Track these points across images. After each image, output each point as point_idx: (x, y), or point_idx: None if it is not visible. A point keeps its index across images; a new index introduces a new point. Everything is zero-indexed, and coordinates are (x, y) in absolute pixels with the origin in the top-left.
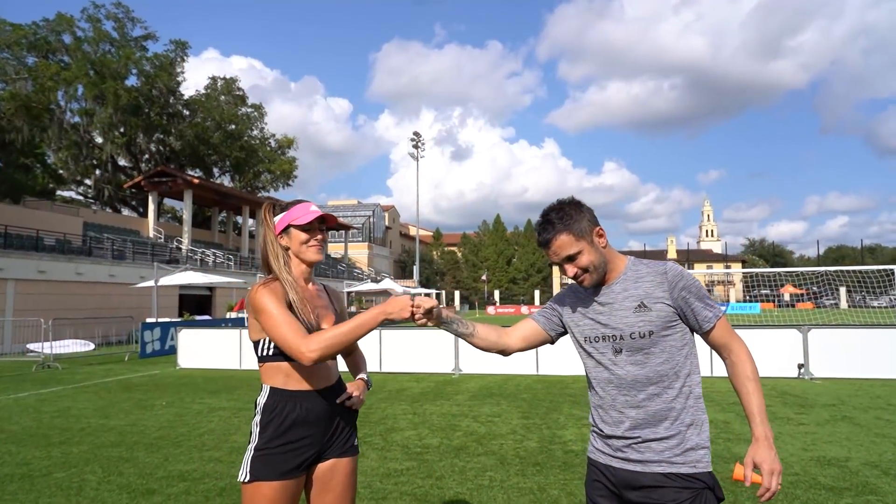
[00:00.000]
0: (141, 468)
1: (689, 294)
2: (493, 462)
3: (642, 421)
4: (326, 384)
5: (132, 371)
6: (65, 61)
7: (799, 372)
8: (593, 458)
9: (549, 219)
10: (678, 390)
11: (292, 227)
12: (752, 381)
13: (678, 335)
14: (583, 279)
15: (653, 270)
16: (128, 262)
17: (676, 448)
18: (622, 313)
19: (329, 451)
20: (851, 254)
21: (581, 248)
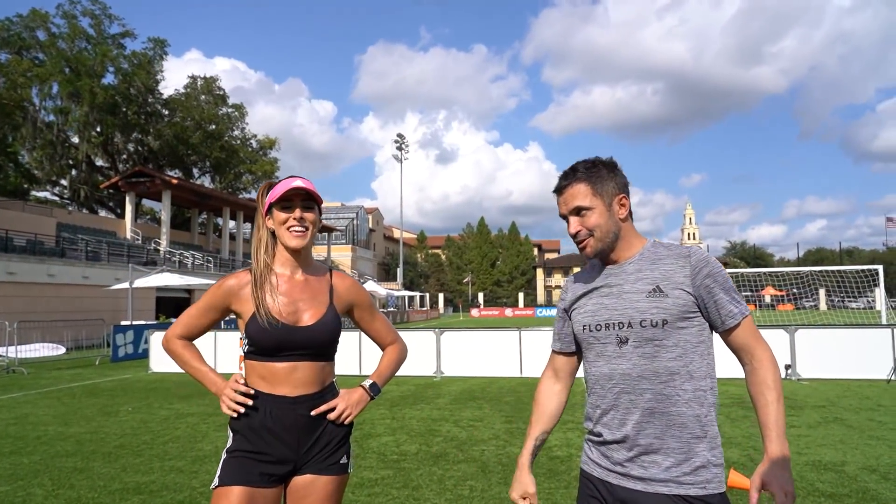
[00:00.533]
0: (94, 480)
1: (715, 283)
2: (474, 470)
3: (647, 427)
4: (304, 391)
5: (102, 375)
6: (39, 58)
7: (786, 373)
8: (587, 471)
9: (574, 167)
10: (690, 394)
11: (272, 205)
12: (772, 391)
13: (695, 329)
14: (585, 243)
15: (674, 253)
16: (102, 264)
17: (685, 465)
18: (633, 297)
19: (308, 465)
20: (830, 256)
21: (594, 206)
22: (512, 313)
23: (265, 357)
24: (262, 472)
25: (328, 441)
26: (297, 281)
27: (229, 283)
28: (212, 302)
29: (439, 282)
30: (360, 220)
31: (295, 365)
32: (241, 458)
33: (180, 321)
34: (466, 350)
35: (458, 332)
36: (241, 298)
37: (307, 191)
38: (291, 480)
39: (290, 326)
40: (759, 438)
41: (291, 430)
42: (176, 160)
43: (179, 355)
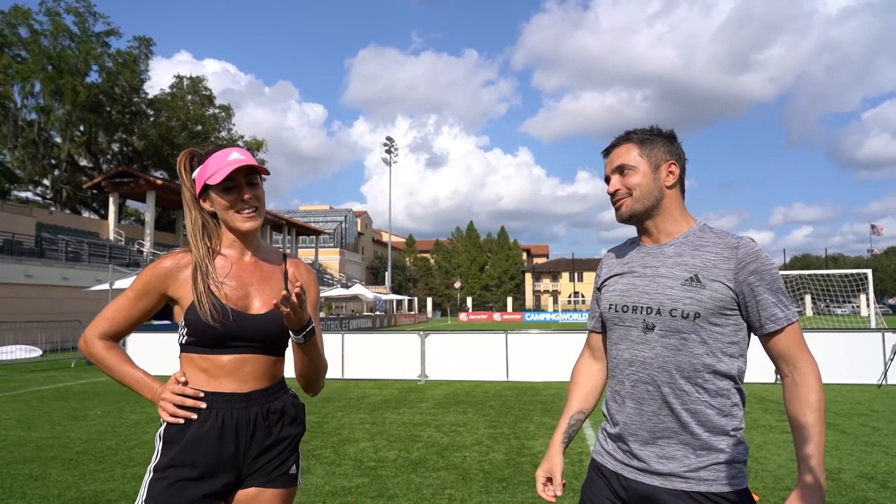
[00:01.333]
0: (49, 489)
1: (761, 282)
2: (454, 478)
3: (665, 421)
4: (256, 386)
5: (75, 378)
6: (21, 56)
7: (776, 377)
8: (600, 462)
9: (629, 131)
10: (714, 392)
11: (209, 187)
12: (815, 413)
13: (730, 329)
14: (621, 202)
15: (722, 241)
16: (83, 265)
17: (706, 460)
18: (668, 282)
19: (253, 476)
20: (816, 262)
21: (637, 166)
22: (500, 317)
23: (209, 349)
24: (208, 489)
25: (279, 449)
26: (246, 263)
27: (165, 264)
28: (146, 287)
29: (428, 286)
30: (349, 223)
31: (244, 357)
32: (181, 476)
33: (104, 316)
34: (452, 353)
35: (443, 334)
36: (179, 281)
37: (249, 166)
38: (235, 494)
39: (240, 313)
40: (751, 444)
41: (241, 433)
42: (161, 161)
43: (103, 359)
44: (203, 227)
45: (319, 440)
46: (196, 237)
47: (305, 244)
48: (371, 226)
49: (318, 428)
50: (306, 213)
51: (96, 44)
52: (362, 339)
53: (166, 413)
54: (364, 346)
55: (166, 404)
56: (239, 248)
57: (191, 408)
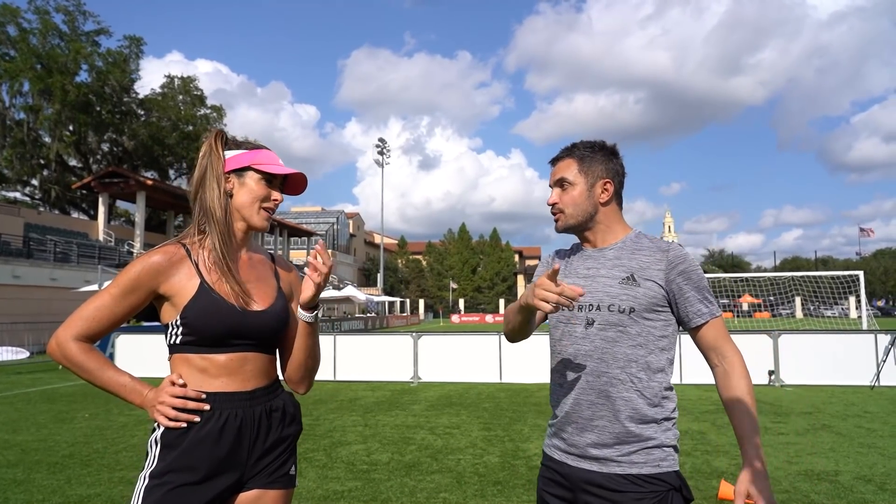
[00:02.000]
0: (33, 493)
1: (687, 281)
2: (449, 481)
3: (601, 409)
4: (256, 384)
5: (63, 380)
6: (10, 55)
7: (769, 379)
8: (548, 453)
9: (574, 143)
10: (645, 382)
11: (252, 170)
12: (748, 396)
13: (661, 323)
14: (558, 216)
15: (654, 246)
16: (72, 266)
17: (638, 446)
18: (607, 281)
19: (255, 478)
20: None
21: (576, 183)
22: (493, 319)
23: (207, 347)
24: (209, 494)
25: (281, 448)
26: (242, 261)
27: (156, 258)
28: (133, 283)
29: (420, 287)
30: (341, 224)
31: (244, 356)
32: (181, 482)
33: (82, 316)
34: (445, 355)
35: (436, 336)
36: (171, 278)
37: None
38: (236, 499)
39: (243, 310)
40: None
41: (245, 433)
42: (151, 161)
43: (81, 364)
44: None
45: (311, 443)
46: (221, 214)
47: (297, 245)
48: (363, 227)
49: (310, 430)
50: (298, 215)
51: (86, 43)
52: (355, 340)
53: (165, 418)
54: (356, 348)
55: (164, 408)
56: (237, 243)
57: (194, 410)
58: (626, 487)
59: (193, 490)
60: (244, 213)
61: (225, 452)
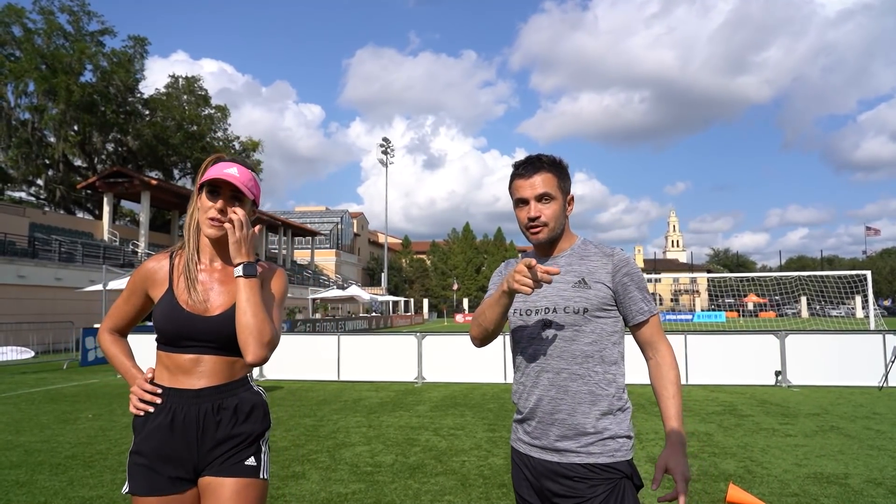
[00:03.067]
0: (35, 495)
1: (631, 282)
2: (454, 483)
3: (561, 403)
4: (209, 383)
5: (67, 380)
6: (15, 55)
7: (776, 379)
8: (514, 447)
9: (539, 158)
10: (601, 376)
11: (203, 185)
12: (674, 385)
13: (611, 321)
14: (539, 230)
15: (600, 251)
16: (77, 265)
17: (595, 437)
18: (560, 286)
19: (209, 467)
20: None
21: (556, 198)
22: None
23: (171, 347)
24: (168, 476)
25: (232, 443)
26: (213, 269)
27: (149, 265)
28: (132, 286)
29: (424, 287)
30: (345, 224)
31: (199, 357)
32: (141, 462)
33: (109, 313)
34: (449, 355)
35: (440, 336)
36: (155, 282)
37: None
38: (198, 483)
39: (191, 315)
40: (755, 448)
41: (190, 427)
42: (156, 161)
43: (106, 350)
44: (195, 223)
45: (314, 444)
46: (189, 230)
47: (301, 245)
48: (367, 227)
49: (314, 431)
50: (302, 214)
51: (90, 43)
52: (358, 340)
53: (131, 405)
54: (360, 348)
55: (132, 397)
56: (210, 254)
57: (150, 402)
58: (583, 475)
59: (150, 471)
60: (201, 225)
61: (172, 442)
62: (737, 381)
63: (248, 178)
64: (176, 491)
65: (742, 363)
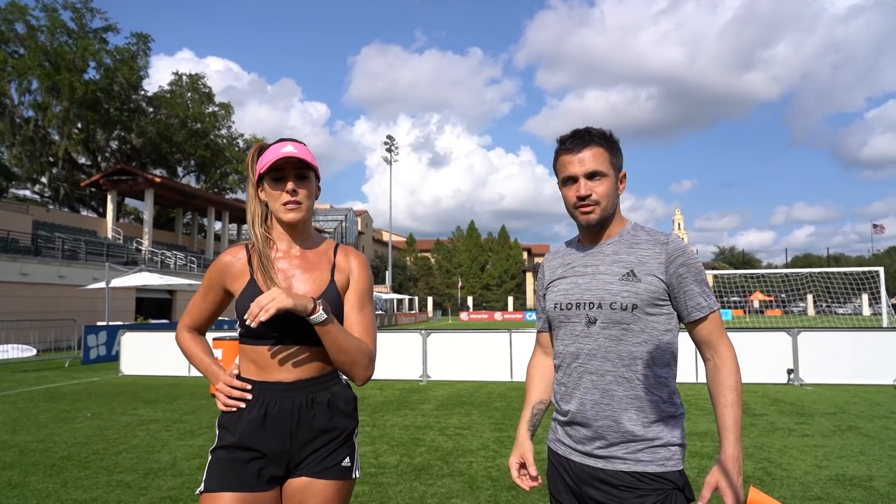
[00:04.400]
0: (27, 497)
1: (688, 273)
2: (460, 485)
3: (606, 409)
4: (301, 376)
5: (68, 378)
6: (19, 52)
7: (789, 378)
8: (552, 448)
9: (589, 131)
10: (652, 379)
11: (263, 176)
12: (734, 392)
13: (664, 317)
14: (591, 210)
15: (652, 239)
16: (80, 263)
17: (643, 443)
18: (606, 279)
19: (303, 466)
20: (817, 262)
21: (608, 175)
22: (501, 317)
23: (256, 340)
24: (253, 472)
25: (328, 439)
26: (293, 255)
27: (225, 259)
28: (209, 281)
29: (428, 285)
30: (349, 222)
31: (289, 348)
32: (230, 457)
33: (186, 311)
34: (454, 353)
35: (445, 333)
36: (233, 275)
37: (299, 160)
38: (287, 483)
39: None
40: (772, 449)
41: (284, 421)
42: (160, 158)
43: (185, 348)
44: (259, 217)
45: None
46: (255, 225)
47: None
48: (371, 225)
49: None
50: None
51: (94, 40)
52: None
53: (219, 402)
54: None
55: (219, 394)
56: (287, 241)
57: (240, 399)
58: (629, 484)
59: (241, 466)
60: (276, 215)
61: (266, 438)
62: (747, 380)
63: (305, 150)
64: (259, 489)
65: (753, 361)
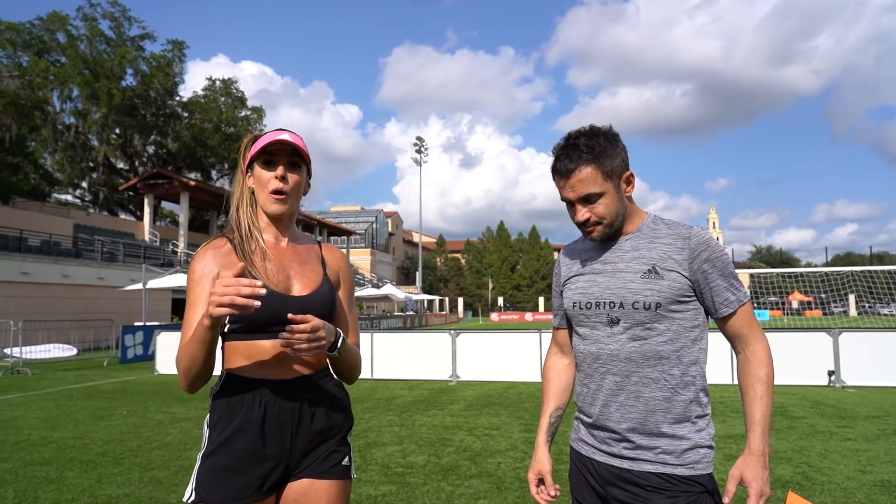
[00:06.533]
0: (63, 493)
1: (713, 268)
2: (488, 486)
3: (632, 411)
4: (301, 372)
5: (106, 377)
6: (60, 61)
7: (829, 380)
8: (575, 448)
9: (576, 144)
10: (678, 379)
11: (254, 160)
12: (763, 384)
13: (690, 314)
14: (593, 230)
15: (674, 232)
16: (118, 265)
17: (672, 446)
18: (627, 276)
19: (302, 467)
20: (859, 261)
21: (605, 191)
22: (532, 317)
23: (252, 335)
24: (252, 480)
25: (328, 437)
26: (282, 248)
27: (209, 251)
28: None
29: (458, 286)
30: (380, 223)
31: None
32: (225, 464)
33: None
34: (484, 353)
35: (474, 333)
36: (226, 265)
37: (293, 146)
38: (286, 487)
39: (282, 295)
40: (812, 453)
41: (286, 420)
42: (194, 162)
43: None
44: (246, 200)
45: None
46: (241, 208)
47: (337, 244)
48: (402, 226)
49: None
50: (338, 214)
51: (131, 48)
52: (392, 338)
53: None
54: (394, 346)
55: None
56: (274, 233)
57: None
58: (657, 485)
59: (237, 474)
60: (261, 204)
61: (265, 439)
62: (786, 382)
63: (301, 141)
64: (259, 498)
65: (792, 362)
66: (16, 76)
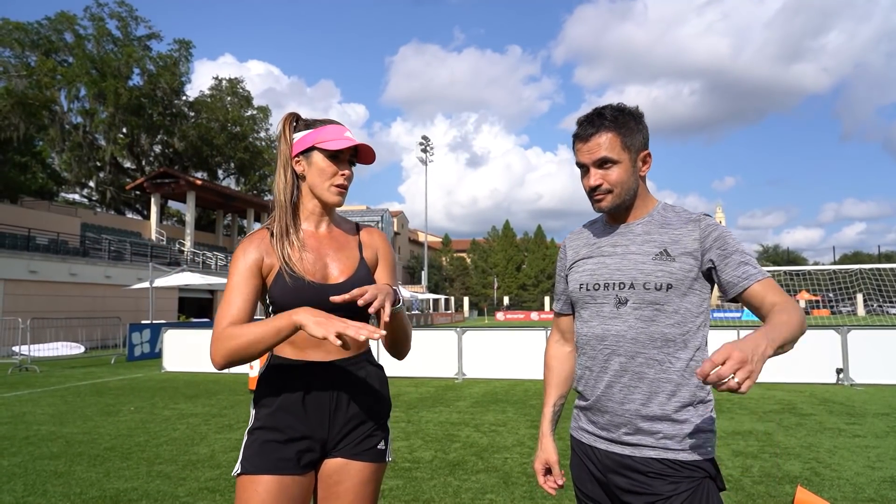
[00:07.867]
0: (72, 486)
1: (727, 244)
2: (495, 481)
3: (635, 392)
4: (339, 355)
5: (113, 374)
6: (67, 61)
7: (838, 377)
8: (576, 437)
9: (601, 113)
10: (685, 363)
11: (317, 149)
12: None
13: (697, 298)
14: (602, 198)
15: (683, 218)
16: (125, 264)
17: (673, 430)
18: (638, 258)
19: (339, 447)
20: (868, 260)
21: (621, 160)
22: (538, 317)
23: None
24: (292, 454)
25: (364, 419)
26: (321, 235)
27: (250, 241)
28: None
29: (464, 285)
30: (385, 223)
31: None
32: (267, 438)
33: (222, 312)
34: (490, 351)
35: (480, 331)
36: (268, 251)
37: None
38: (323, 464)
39: (319, 285)
40: (821, 449)
41: (324, 402)
42: (201, 162)
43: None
44: (290, 187)
45: None
46: (284, 195)
47: None
48: (407, 225)
49: None
50: (343, 213)
51: (138, 47)
52: None
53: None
54: None
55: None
56: (315, 220)
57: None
58: (659, 471)
59: (279, 447)
60: (317, 192)
61: (305, 418)
62: (794, 379)
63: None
64: (298, 472)
65: (800, 360)
66: (23, 76)
